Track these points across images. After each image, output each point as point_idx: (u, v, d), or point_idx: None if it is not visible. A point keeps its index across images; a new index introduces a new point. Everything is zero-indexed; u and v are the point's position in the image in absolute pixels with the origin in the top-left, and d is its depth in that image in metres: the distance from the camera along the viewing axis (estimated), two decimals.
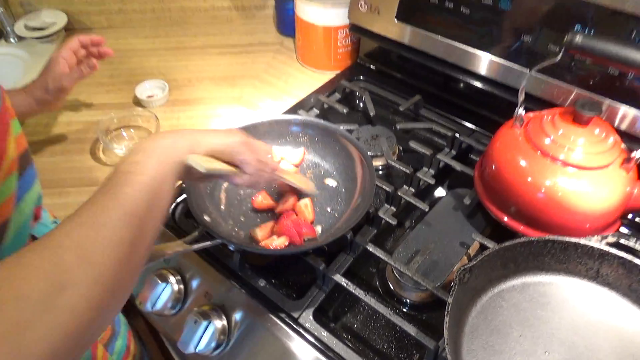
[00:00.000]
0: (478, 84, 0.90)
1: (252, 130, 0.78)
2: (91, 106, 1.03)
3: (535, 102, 0.81)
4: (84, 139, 0.95)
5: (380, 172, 0.88)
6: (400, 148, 0.92)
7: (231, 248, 0.69)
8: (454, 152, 0.88)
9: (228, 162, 0.56)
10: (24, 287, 0.34)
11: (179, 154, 0.50)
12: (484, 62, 0.86)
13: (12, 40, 1.19)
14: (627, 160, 0.64)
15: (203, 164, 0.51)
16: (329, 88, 1.04)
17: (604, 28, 0.72)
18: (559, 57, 0.62)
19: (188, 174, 0.52)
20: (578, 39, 0.59)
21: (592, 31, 0.72)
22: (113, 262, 0.39)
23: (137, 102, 1.03)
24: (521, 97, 0.69)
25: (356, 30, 1.01)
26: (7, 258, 0.36)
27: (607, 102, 0.75)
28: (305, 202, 0.74)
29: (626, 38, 0.70)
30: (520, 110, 0.70)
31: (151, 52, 1.18)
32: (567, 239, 0.61)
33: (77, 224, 0.39)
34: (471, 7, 0.83)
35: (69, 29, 1.22)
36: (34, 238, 0.58)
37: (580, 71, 0.76)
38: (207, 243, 0.65)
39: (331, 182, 0.79)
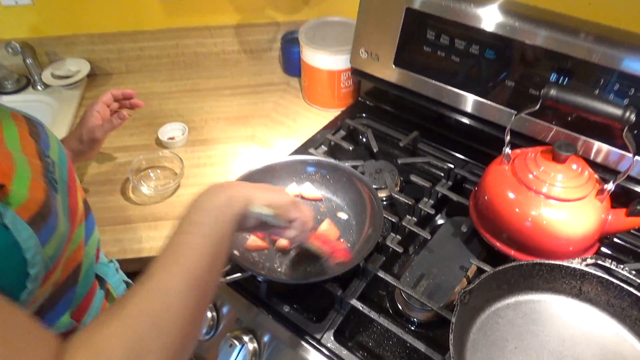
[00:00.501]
0: (468, 121, 1.00)
1: (272, 170, 0.89)
2: (118, 149, 1.12)
3: (521, 138, 0.92)
4: (114, 180, 1.05)
5: (385, 202, 0.98)
6: (402, 179, 1.01)
7: (260, 279, 0.78)
8: (450, 183, 0.98)
9: None
10: (107, 355, 0.39)
11: (234, 211, 0.55)
12: (473, 102, 0.96)
13: (39, 87, 1.29)
14: (601, 191, 0.74)
15: (268, 211, 0.57)
16: (335, 126, 1.14)
17: (577, 76, 0.82)
18: (537, 106, 0.72)
19: (242, 226, 0.58)
20: (553, 92, 0.69)
21: (567, 79, 0.83)
22: (181, 327, 0.44)
23: (160, 144, 1.13)
24: (507, 138, 0.79)
25: (357, 73, 1.12)
26: (89, 326, 0.43)
27: (582, 138, 0.86)
28: (326, 226, 0.83)
29: (596, 84, 0.81)
30: (507, 150, 0.80)
31: (168, 95, 1.28)
32: (553, 262, 0.71)
33: (147, 293, 0.45)
34: (460, 55, 0.93)
35: (91, 75, 1.33)
36: (98, 277, 0.67)
37: (559, 113, 0.87)
38: (238, 275, 0.75)
39: (343, 215, 0.89)
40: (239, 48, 1.37)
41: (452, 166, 0.99)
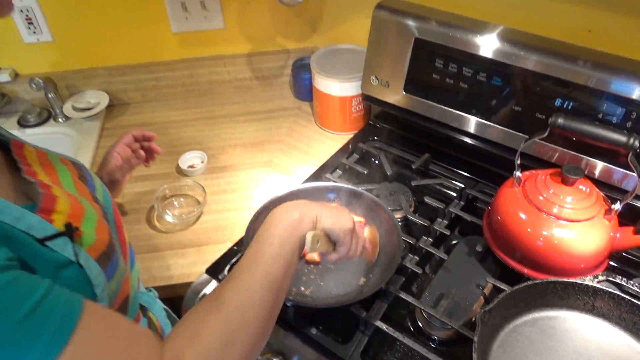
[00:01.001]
0: (477, 143, 1.05)
1: (294, 196, 0.93)
2: (140, 178, 1.17)
3: (529, 159, 0.96)
4: (139, 209, 1.09)
5: (400, 223, 1.02)
6: (415, 199, 1.06)
7: (288, 304, 0.82)
8: (462, 203, 1.02)
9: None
10: (205, 343, 0.48)
11: (304, 229, 0.62)
12: (481, 126, 1.01)
13: (60, 120, 1.34)
14: (609, 211, 0.78)
15: (315, 246, 0.63)
16: (348, 150, 1.18)
17: (581, 100, 0.87)
18: (546, 134, 0.77)
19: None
20: (560, 120, 0.74)
21: (571, 104, 0.87)
22: (263, 321, 0.53)
23: (180, 172, 1.18)
24: (517, 162, 0.84)
25: (368, 99, 1.17)
26: (186, 318, 0.51)
27: (587, 159, 0.90)
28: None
29: (599, 108, 0.85)
30: (518, 173, 0.84)
31: (185, 123, 1.33)
32: (566, 280, 0.75)
33: (237, 292, 0.53)
34: (468, 82, 0.98)
35: (110, 105, 1.37)
36: (140, 306, 0.71)
37: (565, 137, 0.91)
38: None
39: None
40: (251, 75, 1.42)
41: (463, 186, 1.04)
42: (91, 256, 0.52)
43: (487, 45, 0.93)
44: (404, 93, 1.08)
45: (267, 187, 1.12)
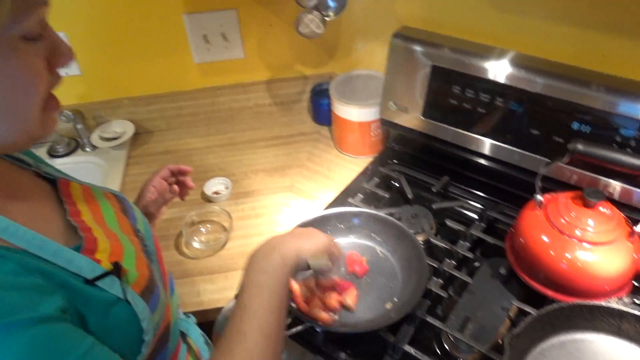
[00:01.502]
0: (496, 166, 1.07)
1: (320, 222, 0.96)
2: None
3: (549, 181, 0.98)
4: (167, 236, 1.12)
5: (422, 246, 1.04)
6: (436, 221, 1.08)
7: (318, 329, 0.84)
8: (483, 225, 1.04)
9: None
10: None
11: (288, 267, 0.65)
12: (500, 149, 1.03)
13: (88, 149, 1.38)
14: (631, 234, 0.80)
15: (323, 263, 0.68)
16: (368, 173, 1.21)
17: (598, 124, 0.89)
18: (565, 159, 0.79)
19: (294, 273, 0.68)
20: (580, 146, 0.76)
21: (589, 128, 0.89)
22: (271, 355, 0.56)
23: (205, 198, 1.21)
24: (538, 186, 0.86)
25: (387, 124, 1.20)
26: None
27: (608, 181, 0.92)
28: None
29: (616, 132, 0.87)
30: (539, 197, 0.86)
31: (208, 150, 1.37)
32: (592, 302, 0.76)
33: (231, 346, 0.56)
34: (486, 107, 1.01)
35: (135, 134, 1.42)
36: (181, 333, 0.73)
37: (584, 160, 0.93)
38: (299, 328, 0.81)
39: (390, 264, 0.95)
40: (271, 101, 1.46)
41: (483, 208, 1.06)
42: (135, 292, 0.55)
43: (503, 71, 0.96)
44: (422, 118, 1.11)
45: (291, 213, 1.15)
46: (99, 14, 1.24)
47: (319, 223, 0.97)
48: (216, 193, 1.21)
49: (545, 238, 0.84)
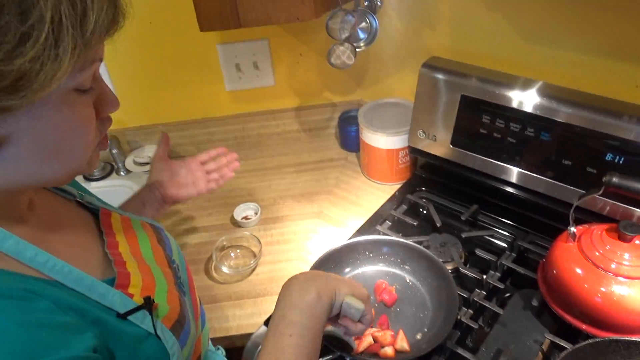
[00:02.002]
0: (526, 196, 1.06)
1: (350, 249, 0.97)
2: (198, 229, 1.23)
3: (581, 211, 0.96)
4: (197, 260, 1.14)
5: (452, 275, 1.03)
6: (465, 250, 1.07)
7: (347, 359, 0.84)
8: (514, 255, 1.03)
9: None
10: None
11: (324, 306, 0.62)
12: (531, 179, 1.03)
13: (122, 173, 1.43)
14: None
15: (358, 306, 0.64)
16: (395, 200, 1.22)
17: (632, 155, 0.88)
18: (600, 192, 0.78)
19: (329, 314, 0.65)
20: (615, 180, 0.76)
21: (622, 158, 0.89)
22: None
23: (234, 223, 1.23)
24: (572, 218, 0.85)
25: (415, 152, 1.21)
26: None
27: None
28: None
29: None
30: (573, 229, 0.85)
31: (237, 175, 1.38)
32: (629, 338, 0.75)
33: None
34: (516, 137, 1.01)
35: None
36: None
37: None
38: (329, 357, 0.81)
39: (420, 294, 0.95)
40: (299, 128, 1.49)
41: (514, 237, 1.05)
42: (166, 326, 0.56)
43: (534, 101, 0.96)
44: (451, 146, 1.12)
45: (319, 239, 1.16)
46: (136, 44, 1.29)
47: (347, 251, 0.98)
48: (245, 218, 1.23)
49: (579, 271, 0.83)
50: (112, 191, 1.41)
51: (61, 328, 0.44)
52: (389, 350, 0.83)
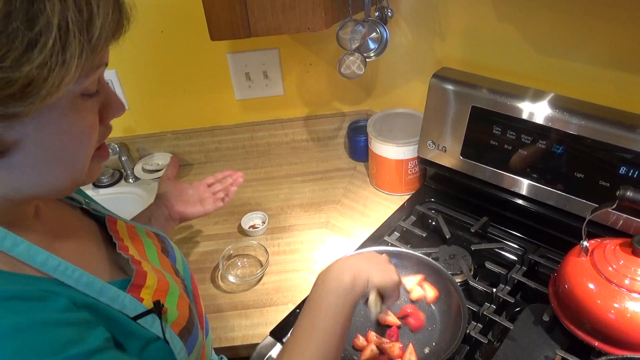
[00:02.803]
0: (537, 208, 1.05)
1: None
2: (204, 237, 1.23)
3: (593, 225, 0.95)
4: (203, 269, 1.14)
5: (461, 288, 1.02)
6: (475, 263, 1.06)
7: None
8: (524, 268, 1.01)
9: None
10: None
11: (356, 293, 0.66)
12: (542, 191, 1.01)
13: (130, 180, 1.43)
14: None
15: (378, 309, 0.68)
16: (404, 211, 1.21)
17: None
18: (614, 205, 0.77)
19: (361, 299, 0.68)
20: (630, 194, 0.74)
21: (636, 172, 0.87)
22: None
23: (242, 232, 1.23)
24: (584, 232, 0.84)
25: (425, 163, 1.20)
26: None
27: None
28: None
29: None
30: (585, 243, 0.84)
31: (245, 184, 1.39)
32: None
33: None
34: (527, 149, 1.00)
35: None
36: None
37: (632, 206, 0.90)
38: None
39: (428, 307, 0.93)
40: (308, 137, 1.48)
41: (524, 250, 1.03)
42: (174, 331, 0.56)
43: (545, 113, 0.95)
44: (461, 157, 1.11)
45: (327, 249, 1.15)
46: (147, 53, 1.30)
47: None
48: (253, 227, 1.22)
49: (592, 286, 0.81)
50: (120, 198, 1.41)
51: (78, 324, 0.45)
52: None
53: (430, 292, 0.93)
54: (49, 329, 0.42)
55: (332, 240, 1.18)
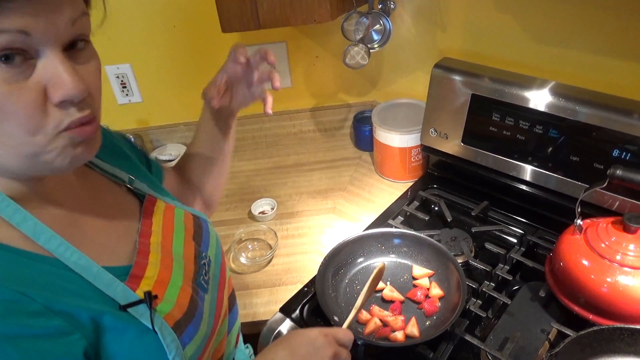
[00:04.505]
0: (535, 192, 1.09)
1: (362, 240, 1.01)
2: (216, 223, 1.28)
3: (589, 207, 0.99)
4: None
5: (462, 268, 1.06)
6: (475, 245, 1.10)
7: (359, 342, 0.87)
8: (523, 249, 1.06)
9: None
10: None
11: None
12: (539, 175, 1.06)
13: None
14: None
15: None
16: (408, 197, 1.25)
17: (637, 151, 0.91)
18: (605, 184, 0.81)
19: None
20: (619, 172, 0.78)
21: (629, 154, 0.91)
22: None
23: (252, 217, 1.28)
24: (578, 210, 0.88)
25: (427, 150, 1.24)
26: None
27: None
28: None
29: None
30: (579, 221, 0.88)
31: (255, 172, 1.45)
32: (633, 326, 0.77)
33: None
34: (525, 134, 1.04)
35: None
36: None
37: (623, 186, 0.94)
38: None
39: (427, 283, 0.98)
40: (315, 128, 1.53)
41: (523, 233, 1.08)
42: (168, 323, 0.55)
43: (543, 100, 1.00)
44: (462, 144, 1.15)
45: (334, 233, 1.20)
46: (160, 48, 1.36)
47: (360, 242, 1.02)
48: (262, 213, 1.28)
49: (585, 262, 0.85)
50: None
51: (46, 335, 0.46)
52: (399, 335, 0.86)
53: (435, 290, 0.96)
54: (15, 342, 0.44)
55: (338, 224, 1.23)
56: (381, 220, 1.18)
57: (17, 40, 0.43)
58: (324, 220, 1.25)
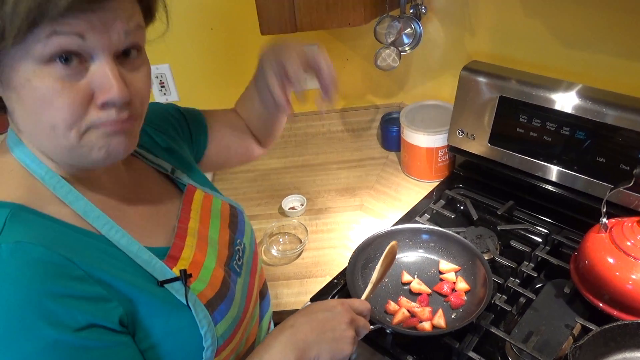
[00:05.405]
0: (561, 192, 1.11)
1: (392, 235, 1.05)
2: (249, 218, 1.33)
3: (614, 207, 1.01)
4: None
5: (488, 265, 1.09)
6: (501, 243, 1.13)
7: (388, 331, 0.91)
8: (548, 248, 1.08)
9: None
10: None
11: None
12: (565, 175, 1.08)
13: None
14: None
15: None
16: (434, 196, 1.29)
17: None
18: (631, 184, 0.84)
19: None
20: None
21: None
22: None
23: (282, 213, 1.33)
24: (603, 210, 0.90)
25: (454, 150, 1.28)
26: None
27: None
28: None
29: None
30: (604, 220, 0.90)
31: (285, 170, 1.50)
32: None
33: None
34: (552, 136, 1.07)
35: None
36: None
37: None
38: (370, 328, 0.89)
39: (453, 277, 1.01)
40: (343, 128, 1.58)
41: (548, 232, 1.10)
42: (201, 300, 0.60)
43: (569, 102, 1.02)
44: (489, 145, 1.18)
45: (361, 229, 1.24)
46: (198, 49, 1.42)
47: (388, 237, 1.06)
48: (292, 209, 1.32)
49: (610, 260, 0.88)
50: None
51: (87, 298, 0.51)
52: (426, 325, 0.90)
53: (461, 284, 0.99)
54: (57, 299, 0.48)
55: (365, 221, 1.27)
56: (408, 218, 1.22)
57: (74, 43, 0.47)
58: (351, 216, 1.29)
